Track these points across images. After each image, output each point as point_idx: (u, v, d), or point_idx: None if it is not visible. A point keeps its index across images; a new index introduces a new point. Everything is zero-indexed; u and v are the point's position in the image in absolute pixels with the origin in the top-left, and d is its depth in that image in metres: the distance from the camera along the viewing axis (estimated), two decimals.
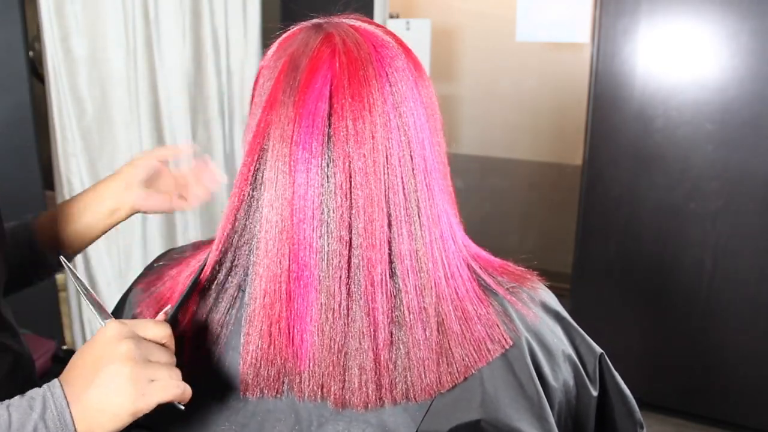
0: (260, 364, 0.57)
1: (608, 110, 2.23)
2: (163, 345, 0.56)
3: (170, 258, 0.73)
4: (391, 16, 2.78)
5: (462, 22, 3.46)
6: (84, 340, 2.17)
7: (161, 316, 0.59)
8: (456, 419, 0.57)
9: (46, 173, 2.22)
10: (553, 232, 3.32)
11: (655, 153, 2.18)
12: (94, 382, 0.53)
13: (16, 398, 0.54)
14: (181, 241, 2.23)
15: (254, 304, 0.58)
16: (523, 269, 0.67)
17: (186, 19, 2.19)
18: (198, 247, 0.73)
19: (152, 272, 0.72)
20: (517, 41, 2.52)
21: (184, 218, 2.27)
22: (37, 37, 2.39)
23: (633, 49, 2.16)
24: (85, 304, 0.55)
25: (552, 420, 0.59)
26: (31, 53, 2.35)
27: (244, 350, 0.58)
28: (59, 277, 2.32)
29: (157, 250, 2.21)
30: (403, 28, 2.70)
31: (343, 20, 0.61)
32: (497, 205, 3.58)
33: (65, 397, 0.53)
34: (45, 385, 0.55)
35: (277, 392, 0.58)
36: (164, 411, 0.57)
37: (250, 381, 0.58)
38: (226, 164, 2.35)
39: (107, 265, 2.20)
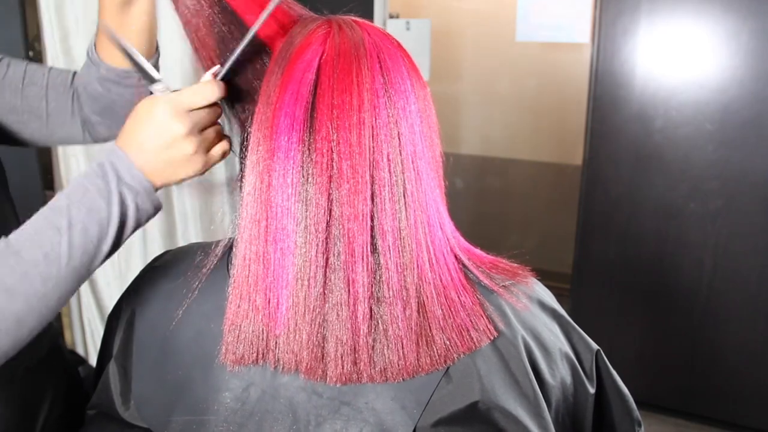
0: (240, 327, 0.58)
1: (608, 110, 2.23)
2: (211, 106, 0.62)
3: (166, 258, 0.73)
4: (391, 16, 2.78)
5: (462, 22, 3.46)
6: (84, 340, 2.17)
7: (209, 75, 0.62)
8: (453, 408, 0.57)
9: (46, 173, 2.22)
10: (553, 232, 3.32)
11: (655, 153, 2.18)
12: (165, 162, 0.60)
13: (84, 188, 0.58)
14: (181, 241, 2.23)
15: (237, 267, 0.59)
16: (516, 265, 0.67)
17: None
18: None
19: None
20: (517, 41, 2.52)
21: (184, 218, 2.27)
22: (37, 37, 2.39)
23: (633, 49, 2.16)
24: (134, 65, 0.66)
25: (549, 417, 0.59)
26: (31, 53, 2.35)
27: (227, 312, 0.59)
28: None
29: (157, 250, 2.21)
30: (403, 28, 2.70)
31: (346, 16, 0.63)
32: (497, 205, 3.58)
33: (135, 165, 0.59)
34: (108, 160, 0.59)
35: (257, 358, 0.58)
36: (161, 411, 0.57)
37: (230, 344, 0.59)
38: (226, 164, 2.35)
39: (107, 265, 2.19)
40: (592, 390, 0.66)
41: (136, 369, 0.66)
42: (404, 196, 0.57)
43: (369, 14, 2.54)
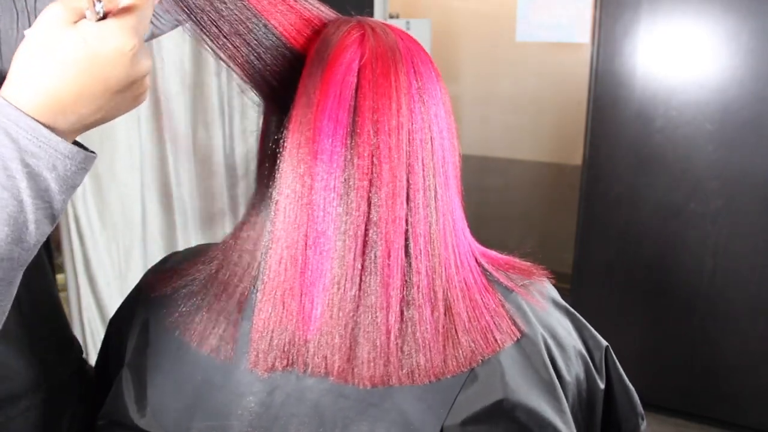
0: (272, 333, 0.57)
1: (608, 110, 2.23)
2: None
3: (175, 260, 0.72)
4: (391, 16, 2.78)
5: (462, 22, 3.46)
6: (84, 340, 2.16)
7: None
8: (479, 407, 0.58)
9: None
10: (553, 232, 3.32)
11: (655, 153, 2.18)
12: (102, 108, 0.45)
13: None
14: (181, 241, 2.23)
15: (269, 271, 0.58)
16: (529, 264, 0.68)
17: None
18: (201, 250, 0.72)
19: (158, 274, 0.71)
20: (517, 41, 2.52)
21: (184, 218, 2.27)
22: None
23: (633, 49, 2.16)
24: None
25: (569, 413, 0.60)
26: None
27: (256, 318, 0.58)
28: (59, 277, 2.31)
29: (157, 250, 2.21)
30: (403, 28, 2.70)
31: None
32: (497, 205, 3.58)
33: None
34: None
35: (288, 363, 0.58)
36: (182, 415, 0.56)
37: (260, 352, 0.58)
38: (226, 164, 2.35)
39: (107, 265, 2.19)
40: (602, 385, 0.67)
41: (152, 375, 0.64)
42: (435, 200, 0.58)
43: (369, 14, 2.54)
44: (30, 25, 0.60)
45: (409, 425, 0.57)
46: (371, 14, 2.50)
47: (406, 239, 0.56)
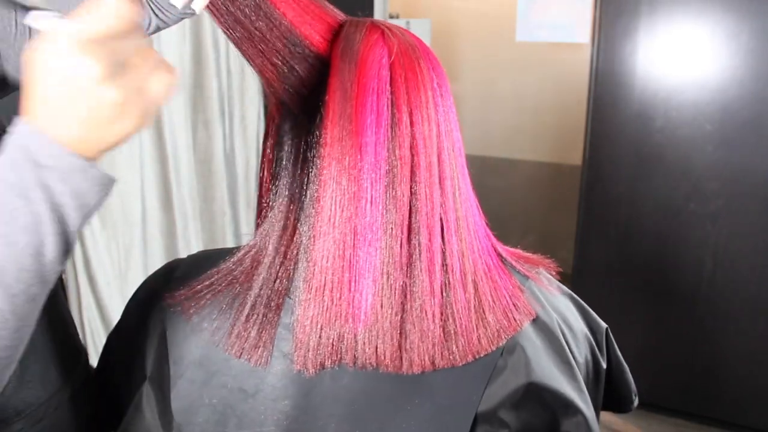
0: (321, 331, 0.57)
1: (608, 110, 2.23)
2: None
3: (183, 269, 0.71)
4: (391, 16, 2.78)
5: (462, 22, 3.46)
6: (84, 340, 2.16)
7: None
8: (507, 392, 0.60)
9: None
10: (553, 232, 3.32)
11: (655, 153, 2.18)
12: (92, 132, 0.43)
13: None
14: (181, 240, 2.23)
15: (313, 269, 0.57)
16: (536, 255, 0.72)
17: (186, 19, 2.19)
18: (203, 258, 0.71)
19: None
20: (517, 41, 2.52)
21: (184, 218, 2.27)
22: None
23: (633, 49, 2.16)
24: None
25: (587, 393, 0.63)
26: None
27: (301, 318, 0.57)
28: None
29: (157, 249, 2.21)
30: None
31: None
32: (497, 205, 3.58)
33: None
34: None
35: (337, 360, 0.58)
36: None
37: (310, 350, 0.57)
38: (226, 164, 2.35)
39: (107, 265, 2.20)
40: (604, 365, 0.71)
41: (176, 387, 0.62)
42: (458, 187, 0.61)
43: (369, 14, 2.54)
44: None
45: (444, 416, 0.58)
46: (371, 14, 2.50)
47: (442, 225, 0.59)
